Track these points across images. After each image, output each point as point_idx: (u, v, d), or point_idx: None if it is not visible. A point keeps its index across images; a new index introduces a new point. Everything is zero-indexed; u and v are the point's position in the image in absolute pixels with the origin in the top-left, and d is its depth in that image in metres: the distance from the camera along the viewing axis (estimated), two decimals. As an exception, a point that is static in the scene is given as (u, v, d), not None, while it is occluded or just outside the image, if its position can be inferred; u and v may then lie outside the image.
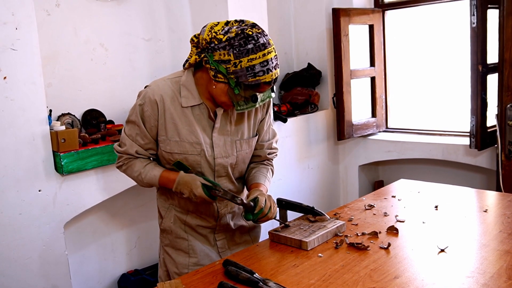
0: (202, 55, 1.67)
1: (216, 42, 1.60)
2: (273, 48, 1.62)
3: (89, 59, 2.97)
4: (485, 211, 2.05)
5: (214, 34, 1.61)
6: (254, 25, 1.62)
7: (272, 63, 1.60)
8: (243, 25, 1.62)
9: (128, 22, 3.13)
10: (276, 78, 1.65)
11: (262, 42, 1.58)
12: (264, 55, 1.58)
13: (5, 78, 2.37)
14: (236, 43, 1.57)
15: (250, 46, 1.56)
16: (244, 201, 1.73)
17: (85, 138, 2.73)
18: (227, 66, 1.59)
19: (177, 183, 1.75)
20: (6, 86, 2.38)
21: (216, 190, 1.72)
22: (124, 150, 1.80)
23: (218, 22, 1.65)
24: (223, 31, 1.60)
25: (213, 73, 1.64)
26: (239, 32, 1.58)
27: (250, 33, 1.58)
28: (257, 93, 1.64)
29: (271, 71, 1.60)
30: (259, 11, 3.42)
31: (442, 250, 1.67)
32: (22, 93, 2.43)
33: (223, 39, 1.59)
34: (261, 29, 1.62)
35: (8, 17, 2.36)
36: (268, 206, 1.74)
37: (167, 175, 1.78)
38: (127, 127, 1.80)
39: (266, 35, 1.61)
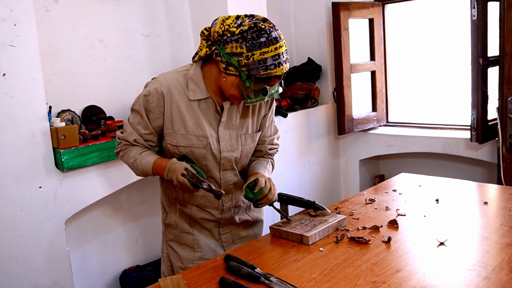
0: (213, 48, 1.67)
1: (228, 35, 1.61)
2: (284, 43, 1.64)
3: (89, 55, 2.96)
4: (485, 203, 2.05)
5: (226, 27, 1.62)
6: (265, 20, 1.63)
7: (283, 57, 1.62)
8: (254, 19, 1.63)
9: (127, 18, 3.12)
10: (286, 72, 1.67)
11: (274, 36, 1.60)
12: (276, 48, 1.60)
13: (4, 75, 2.36)
14: (249, 36, 1.58)
15: (263, 39, 1.58)
16: (213, 187, 1.68)
17: (85, 134, 2.73)
18: (239, 59, 1.61)
19: (167, 169, 1.73)
20: (6, 83, 2.37)
21: (187, 175, 1.66)
22: (123, 136, 1.81)
23: (229, 16, 1.66)
24: (236, 24, 1.62)
25: (224, 66, 1.65)
26: (252, 25, 1.59)
27: (263, 26, 1.59)
28: (267, 87, 1.66)
29: (282, 64, 1.62)
30: (258, 5, 3.41)
31: (442, 243, 1.67)
32: (21, 89, 2.42)
33: (236, 32, 1.60)
34: (272, 23, 1.64)
35: (7, 14, 2.35)
36: (268, 187, 1.75)
37: (160, 162, 1.77)
38: (131, 115, 1.81)
39: (278, 30, 1.64)
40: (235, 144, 1.82)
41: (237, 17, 1.65)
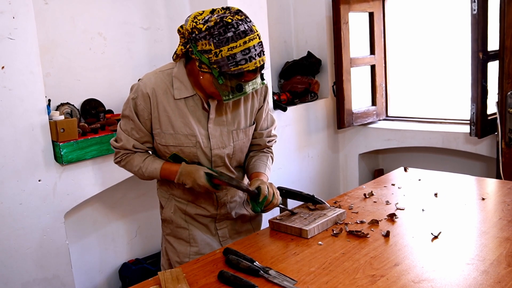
0: (188, 46, 1.65)
1: (196, 32, 1.58)
2: (257, 35, 1.57)
3: (88, 48, 2.96)
4: (483, 199, 2.05)
5: (194, 24, 1.58)
6: (237, 12, 1.58)
7: (255, 50, 1.56)
8: (227, 12, 1.58)
9: (126, 11, 3.11)
10: (263, 65, 1.61)
11: (242, 29, 1.54)
12: (245, 42, 1.54)
13: (3, 67, 2.35)
14: (215, 32, 1.53)
15: (229, 34, 1.53)
16: (250, 188, 1.72)
17: (84, 127, 2.72)
18: (209, 56, 1.56)
19: (179, 174, 1.74)
20: (4, 76, 2.36)
21: (220, 177, 1.71)
22: (121, 145, 1.80)
23: (203, 11, 1.62)
24: (203, 20, 1.57)
25: (198, 64, 1.62)
26: (218, 20, 1.54)
27: (230, 20, 1.54)
28: (244, 82, 1.60)
29: (254, 59, 1.56)
30: (258, -2, 3.40)
31: (436, 237, 1.68)
32: (20, 82, 2.42)
33: (203, 29, 1.56)
34: (244, 15, 1.58)
35: (5, 6, 2.34)
36: (272, 193, 1.74)
37: (169, 167, 1.78)
38: (122, 121, 1.79)
39: (249, 22, 1.57)
40: (226, 141, 1.80)
41: (212, 11, 1.60)
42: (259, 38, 1.58)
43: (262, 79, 1.67)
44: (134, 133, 1.77)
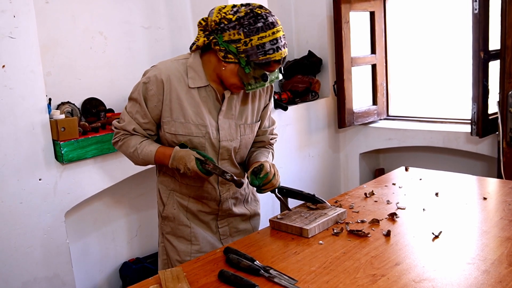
0: (211, 37, 1.68)
1: (226, 22, 1.62)
2: (281, 28, 1.65)
3: (88, 47, 2.95)
4: (484, 199, 2.04)
5: (223, 14, 1.64)
6: (261, 6, 1.65)
7: (281, 41, 1.63)
8: (251, 6, 1.65)
9: (127, 10, 3.11)
10: (285, 57, 1.67)
11: (271, 21, 1.61)
12: (273, 33, 1.61)
13: (3, 66, 2.35)
14: (246, 22, 1.60)
15: (260, 24, 1.59)
16: (234, 177, 1.71)
17: (85, 126, 2.72)
18: (238, 46, 1.61)
19: (172, 158, 1.73)
20: (5, 75, 2.36)
21: (206, 164, 1.69)
22: (121, 126, 1.80)
23: (226, 5, 1.67)
24: (232, 11, 1.64)
25: (222, 54, 1.65)
26: (249, 11, 1.61)
27: (259, 12, 1.61)
28: (267, 72, 1.66)
29: (280, 49, 1.63)
30: (259, -3, 3.39)
31: (436, 236, 1.67)
32: (21, 81, 2.42)
33: (233, 19, 1.61)
34: (268, 9, 1.65)
35: (6, 5, 2.33)
36: (273, 173, 1.77)
37: (163, 150, 1.77)
38: (129, 104, 1.80)
39: (274, 15, 1.65)
40: (234, 134, 1.82)
41: (233, 6, 1.66)
42: (283, 31, 1.66)
43: (281, 71, 1.73)
44: (138, 117, 1.77)
